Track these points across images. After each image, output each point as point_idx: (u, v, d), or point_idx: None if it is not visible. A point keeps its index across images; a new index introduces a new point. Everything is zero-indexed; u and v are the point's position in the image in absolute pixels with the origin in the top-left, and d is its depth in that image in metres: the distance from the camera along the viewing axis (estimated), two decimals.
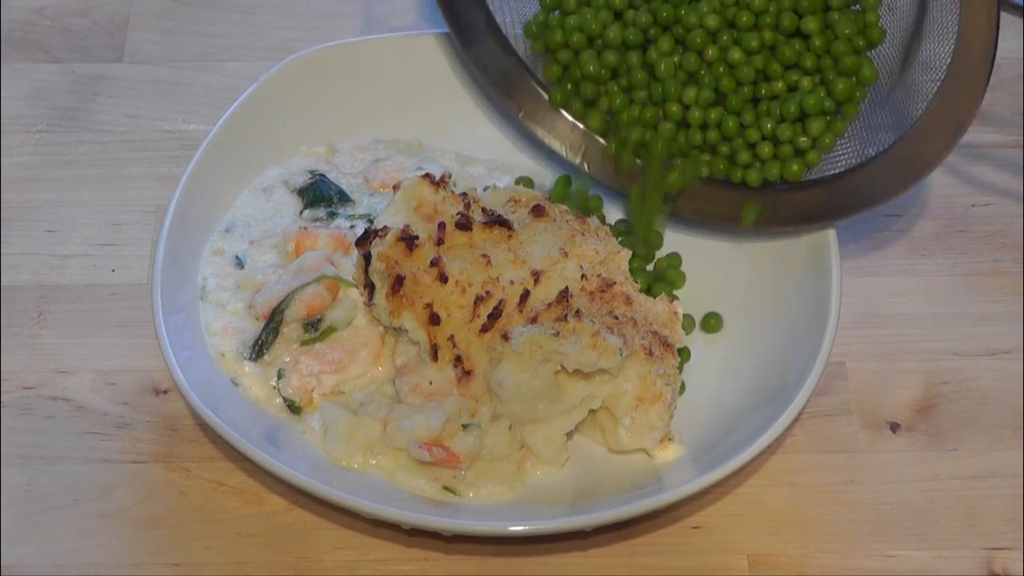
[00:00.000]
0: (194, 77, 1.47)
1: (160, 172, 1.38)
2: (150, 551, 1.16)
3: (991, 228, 1.36)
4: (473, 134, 1.35)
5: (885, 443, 1.22)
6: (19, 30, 1.50)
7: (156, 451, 1.21)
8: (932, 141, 1.16)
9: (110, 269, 1.32)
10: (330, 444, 1.15)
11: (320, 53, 1.34)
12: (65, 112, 1.43)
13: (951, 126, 1.15)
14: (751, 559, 1.16)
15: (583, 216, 1.23)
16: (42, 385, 1.24)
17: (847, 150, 1.22)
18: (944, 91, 1.14)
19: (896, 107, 1.19)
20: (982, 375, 1.26)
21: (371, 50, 1.35)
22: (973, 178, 1.40)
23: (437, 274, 1.15)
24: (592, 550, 1.16)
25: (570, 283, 1.16)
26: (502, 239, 1.18)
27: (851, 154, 1.22)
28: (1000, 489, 1.20)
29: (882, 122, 1.20)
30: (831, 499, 1.19)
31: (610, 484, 1.15)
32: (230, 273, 1.24)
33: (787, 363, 1.18)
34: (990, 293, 1.31)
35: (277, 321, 1.19)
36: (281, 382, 1.18)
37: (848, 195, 1.21)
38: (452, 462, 1.14)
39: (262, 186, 1.31)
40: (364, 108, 1.35)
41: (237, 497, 1.18)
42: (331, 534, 1.17)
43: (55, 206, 1.36)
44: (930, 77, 1.15)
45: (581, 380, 1.13)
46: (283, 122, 1.32)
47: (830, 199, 1.22)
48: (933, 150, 1.16)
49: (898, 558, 1.16)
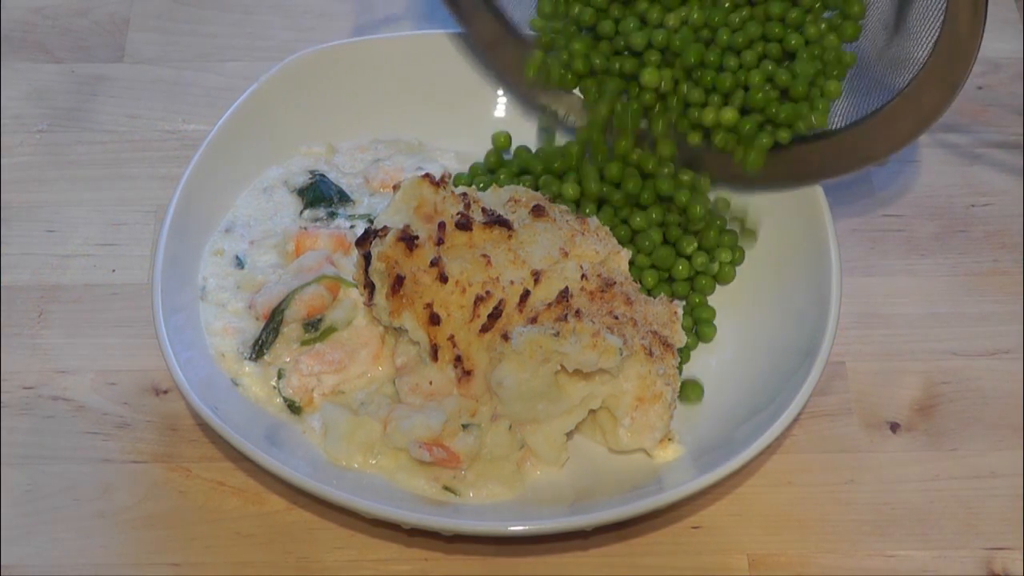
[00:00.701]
0: (194, 77, 1.47)
1: (160, 172, 1.38)
2: (150, 551, 1.16)
3: (991, 228, 1.36)
4: (473, 134, 1.35)
5: (885, 443, 1.22)
6: (19, 30, 1.50)
7: (156, 451, 1.21)
8: (927, 97, 1.16)
9: (110, 269, 1.32)
10: (330, 444, 1.15)
11: (320, 53, 1.34)
12: (65, 112, 1.43)
13: (946, 84, 1.14)
14: (751, 559, 1.16)
15: (583, 216, 1.23)
16: (42, 385, 1.24)
17: (843, 107, 1.23)
18: (939, 47, 1.14)
19: (891, 64, 1.19)
20: (982, 375, 1.26)
21: (371, 50, 1.35)
22: (973, 178, 1.40)
23: (437, 274, 1.15)
24: (592, 550, 1.16)
25: (570, 283, 1.16)
26: (502, 239, 1.18)
27: (847, 111, 1.22)
28: (1000, 489, 1.20)
29: (876, 79, 1.20)
30: (831, 499, 1.19)
31: (610, 484, 1.15)
32: (230, 273, 1.24)
33: (787, 363, 1.18)
34: (990, 293, 1.31)
35: (277, 321, 1.19)
36: (281, 382, 1.18)
37: (842, 152, 1.22)
38: (452, 462, 1.14)
39: (262, 186, 1.31)
40: (364, 108, 1.35)
41: (237, 497, 1.18)
42: (331, 534, 1.17)
43: (55, 206, 1.36)
44: (926, 31, 1.15)
45: (581, 380, 1.13)
46: (283, 122, 1.32)
47: (825, 157, 1.23)
48: (928, 106, 1.16)
49: (898, 558, 1.16)
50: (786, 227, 1.26)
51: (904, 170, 1.40)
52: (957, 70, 1.14)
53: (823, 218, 1.23)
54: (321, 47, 1.35)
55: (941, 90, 1.15)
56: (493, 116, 1.36)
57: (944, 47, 1.14)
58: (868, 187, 1.38)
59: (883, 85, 1.19)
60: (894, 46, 1.19)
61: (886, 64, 1.19)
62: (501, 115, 1.36)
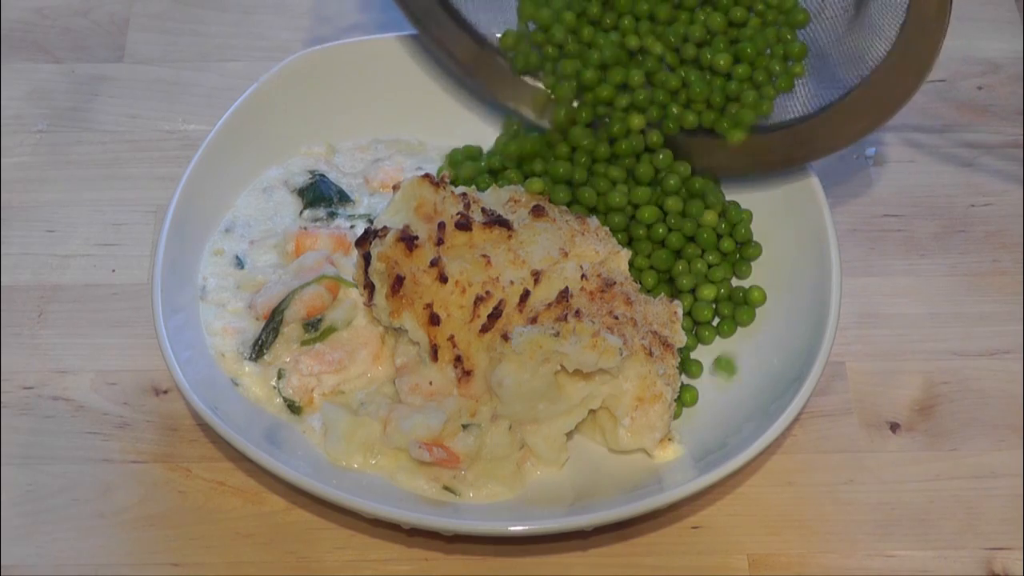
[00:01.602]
0: (194, 77, 1.47)
1: (160, 172, 1.38)
2: (150, 551, 1.16)
3: (991, 228, 1.36)
4: (473, 134, 1.35)
5: (885, 443, 1.22)
6: (19, 30, 1.50)
7: (156, 451, 1.21)
8: (897, 81, 1.16)
9: (110, 269, 1.32)
10: (330, 444, 1.15)
11: (320, 53, 1.34)
12: (65, 112, 1.43)
13: (915, 67, 1.14)
14: (751, 559, 1.16)
15: (583, 216, 1.23)
16: (42, 385, 1.24)
17: (811, 93, 1.23)
18: (906, 30, 1.14)
19: (857, 48, 1.19)
20: (982, 375, 1.26)
21: (371, 50, 1.35)
22: (973, 178, 1.40)
23: (437, 274, 1.15)
24: (592, 550, 1.16)
25: (570, 283, 1.16)
26: (502, 239, 1.18)
27: (815, 97, 1.23)
28: (1000, 489, 1.20)
29: (842, 64, 1.20)
30: (831, 499, 1.19)
31: (610, 484, 1.15)
32: (230, 273, 1.24)
33: (787, 363, 1.18)
34: (990, 293, 1.31)
35: (277, 321, 1.19)
36: (281, 382, 1.18)
37: (816, 138, 1.22)
38: (452, 462, 1.14)
39: (262, 186, 1.31)
40: (364, 108, 1.35)
41: (237, 497, 1.18)
42: (331, 534, 1.17)
43: (55, 206, 1.36)
44: (891, 17, 1.15)
45: (581, 380, 1.13)
46: (283, 122, 1.32)
47: (797, 142, 1.23)
48: (899, 91, 1.16)
49: (898, 558, 1.16)
50: (786, 227, 1.26)
51: (904, 170, 1.40)
52: (924, 53, 1.14)
53: (823, 218, 1.23)
54: (321, 47, 1.35)
55: (908, 76, 1.15)
56: (493, 116, 1.36)
57: (911, 30, 1.13)
58: (868, 187, 1.38)
59: (849, 71, 1.20)
60: (857, 32, 1.19)
61: (850, 50, 1.19)
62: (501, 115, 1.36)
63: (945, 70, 1.47)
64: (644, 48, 1.26)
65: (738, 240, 1.26)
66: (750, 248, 1.26)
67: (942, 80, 1.46)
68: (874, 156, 1.41)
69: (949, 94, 1.46)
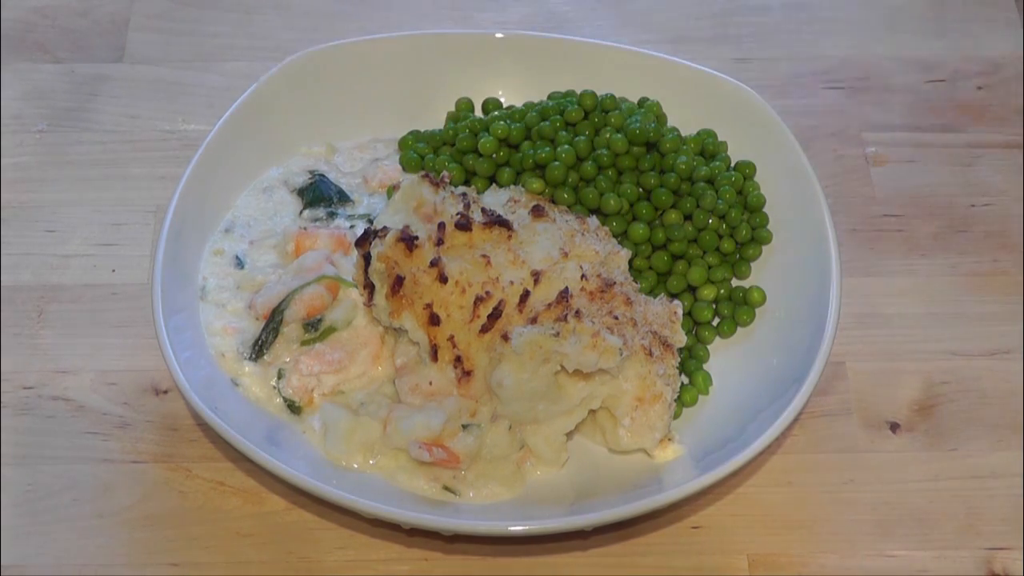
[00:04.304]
0: (194, 77, 1.47)
1: (160, 172, 1.38)
2: (150, 551, 1.16)
3: (991, 228, 1.36)
4: None
5: (885, 443, 1.22)
6: (19, 30, 1.50)
7: (156, 451, 1.21)
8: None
9: (110, 269, 1.32)
10: (330, 444, 1.15)
11: (320, 53, 1.34)
12: (65, 112, 1.43)
13: None
14: (751, 559, 1.16)
15: (583, 216, 1.23)
16: (42, 385, 1.24)
17: None
18: None
19: None
20: (982, 375, 1.26)
21: (371, 50, 1.35)
22: (973, 178, 1.40)
23: (437, 274, 1.15)
24: (592, 550, 1.16)
25: (570, 283, 1.16)
26: (502, 239, 1.18)
27: None
28: (1000, 489, 1.20)
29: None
30: (831, 499, 1.19)
31: (610, 484, 1.15)
32: (230, 273, 1.24)
33: (787, 363, 1.18)
34: (990, 293, 1.31)
35: (277, 321, 1.19)
36: (281, 382, 1.18)
37: None
38: (452, 462, 1.14)
39: (262, 186, 1.31)
40: (364, 108, 1.35)
41: (237, 497, 1.18)
42: (331, 534, 1.17)
43: (55, 206, 1.36)
44: None
45: (581, 380, 1.13)
46: (283, 122, 1.32)
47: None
48: None
49: (898, 558, 1.16)
50: (786, 227, 1.26)
51: (904, 170, 1.40)
52: None
53: (823, 218, 1.23)
54: (321, 47, 1.35)
55: None
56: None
57: None
58: (868, 187, 1.38)
59: None
60: None
61: None
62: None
63: (945, 70, 1.47)
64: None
65: (738, 240, 1.26)
66: (750, 248, 1.26)
67: (942, 80, 1.46)
68: (874, 156, 1.41)
69: (949, 94, 1.46)
